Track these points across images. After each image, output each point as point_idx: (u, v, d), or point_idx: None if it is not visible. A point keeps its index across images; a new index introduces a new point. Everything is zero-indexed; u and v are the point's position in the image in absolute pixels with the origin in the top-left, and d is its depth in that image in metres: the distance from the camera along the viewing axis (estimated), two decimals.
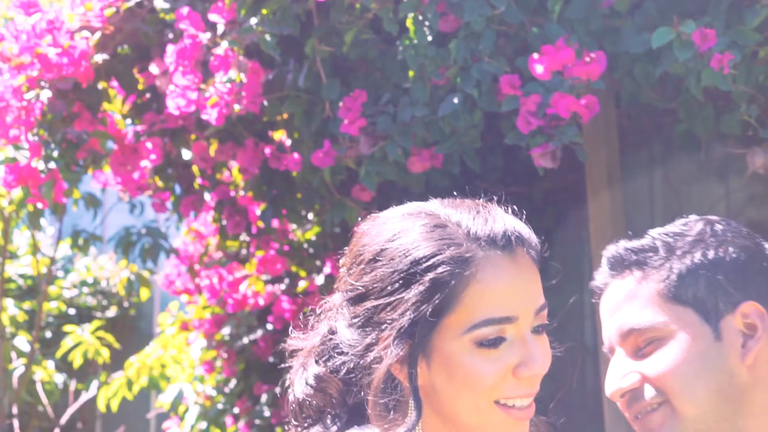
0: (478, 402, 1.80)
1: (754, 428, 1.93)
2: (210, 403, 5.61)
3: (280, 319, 5.19)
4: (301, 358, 1.92)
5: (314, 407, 1.89)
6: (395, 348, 1.78)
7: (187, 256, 5.50)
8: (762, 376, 1.94)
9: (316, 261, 5.19)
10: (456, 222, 1.82)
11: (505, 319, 1.79)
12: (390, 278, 1.80)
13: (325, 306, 1.93)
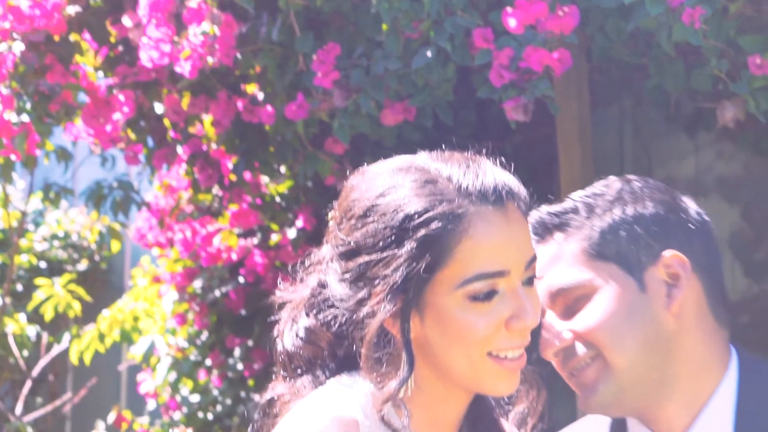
0: (471, 355, 1.83)
1: (683, 374, 1.98)
2: (182, 355, 5.63)
3: (253, 272, 5.22)
4: (290, 310, 1.94)
5: (304, 358, 1.91)
6: (388, 303, 1.80)
7: (158, 209, 5.51)
8: (687, 323, 1.98)
9: (289, 214, 5.21)
10: (447, 177, 1.83)
11: (498, 273, 1.81)
12: (382, 234, 1.81)
13: (313, 258, 1.94)
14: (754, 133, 4.67)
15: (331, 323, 1.88)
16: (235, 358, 5.34)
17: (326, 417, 1.82)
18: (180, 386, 5.61)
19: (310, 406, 1.86)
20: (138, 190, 5.35)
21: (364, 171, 1.91)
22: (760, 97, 3.26)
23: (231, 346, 5.39)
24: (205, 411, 5.48)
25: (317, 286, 1.91)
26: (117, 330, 5.68)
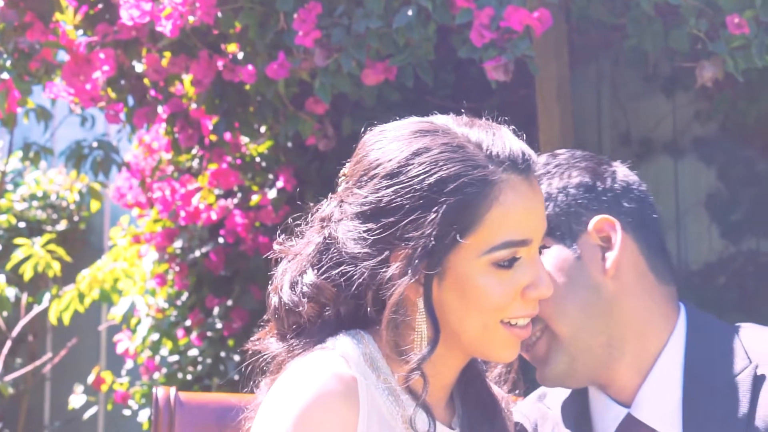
0: (487, 321, 1.86)
1: (629, 335, 2.01)
2: (162, 315, 5.64)
3: (233, 233, 5.22)
4: (290, 265, 1.94)
5: (303, 316, 1.92)
6: (413, 267, 1.81)
7: (138, 169, 5.51)
8: (626, 284, 2.02)
9: (269, 175, 5.22)
10: (476, 142, 1.85)
11: (522, 242, 1.85)
12: (412, 196, 1.82)
13: (316, 214, 1.95)
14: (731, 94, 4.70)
15: (340, 282, 1.88)
16: (213, 317, 5.36)
17: (326, 374, 1.84)
18: (160, 347, 5.62)
19: (310, 363, 1.87)
20: (118, 151, 5.35)
21: (383, 130, 1.91)
22: (738, 56, 3.29)
23: (210, 307, 5.41)
24: (185, 371, 5.50)
25: (323, 242, 1.90)
26: (96, 290, 5.68)
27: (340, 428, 1.81)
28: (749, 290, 4.91)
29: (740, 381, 1.94)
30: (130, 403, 5.79)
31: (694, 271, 5.15)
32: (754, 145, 5.00)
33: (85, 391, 6.32)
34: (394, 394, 1.89)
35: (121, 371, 6.13)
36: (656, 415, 1.99)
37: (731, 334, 2.02)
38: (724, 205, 5.09)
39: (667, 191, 5.31)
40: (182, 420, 2.26)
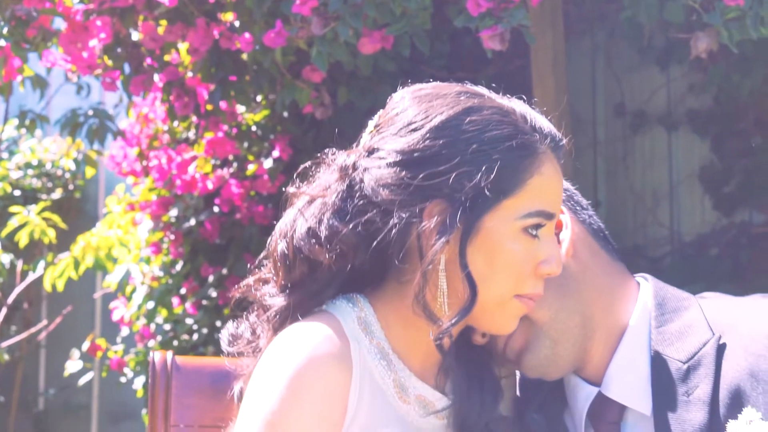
0: (504, 292, 1.88)
1: (597, 310, 2.04)
2: (157, 284, 5.66)
3: (228, 202, 5.24)
4: (304, 212, 1.92)
5: (312, 264, 1.91)
6: (453, 220, 1.82)
7: (134, 137, 5.52)
8: (584, 262, 2.05)
9: (265, 144, 5.23)
10: (521, 113, 1.90)
11: (551, 215, 1.89)
12: (464, 149, 1.83)
13: (336, 162, 1.94)
14: (725, 66, 4.72)
15: (362, 232, 1.88)
16: (208, 286, 5.38)
17: (319, 337, 1.86)
18: (155, 315, 5.64)
19: (303, 327, 1.89)
20: (113, 119, 5.36)
21: (421, 88, 1.93)
22: (732, 27, 3.30)
23: (205, 275, 5.42)
24: (180, 339, 5.52)
25: (347, 190, 1.90)
26: (91, 257, 5.69)
27: (332, 390, 1.84)
28: (742, 261, 4.94)
29: (705, 353, 1.97)
30: (125, 370, 5.81)
31: (687, 243, 5.17)
32: (748, 117, 5.02)
33: (81, 358, 6.35)
34: (387, 358, 1.91)
35: (116, 339, 6.15)
36: (625, 392, 2.01)
37: (694, 306, 2.05)
38: (717, 177, 5.11)
39: (661, 163, 5.33)
40: (179, 384, 2.27)
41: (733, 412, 1.89)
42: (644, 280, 2.12)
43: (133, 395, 6.01)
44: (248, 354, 1.98)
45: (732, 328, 1.98)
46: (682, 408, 1.95)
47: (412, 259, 1.87)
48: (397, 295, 1.93)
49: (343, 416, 1.85)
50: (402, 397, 1.91)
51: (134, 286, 5.76)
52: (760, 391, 1.91)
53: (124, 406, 7.14)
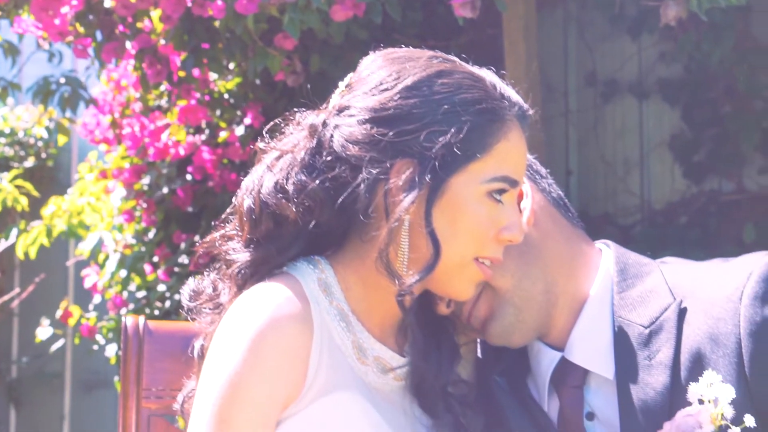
0: (465, 253, 1.90)
1: (559, 276, 2.08)
2: (129, 251, 5.66)
3: (200, 169, 5.24)
4: (272, 167, 1.94)
5: (274, 219, 1.93)
6: (421, 178, 1.85)
7: (106, 105, 5.51)
8: (545, 230, 2.09)
9: (237, 111, 5.23)
10: (491, 81, 1.93)
11: (515, 182, 1.93)
12: (436, 109, 1.87)
13: (306, 120, 1.97)
14: (695, 35, 4.74)
15: (330, 188, 1.90)
16: (180, 253, 5.38)
17: (280, 298, 1.88)
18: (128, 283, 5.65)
19: (264, 288, 1.91)
20: (86, 87, 5.34)
21: (393, 51, 1.96)
22: None
23: (178, 243, 5.43)
24: (153, 307, 5.53)
25: (316, 147, 1.92)
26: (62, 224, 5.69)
27: (293, 351, 1.86)
28: (711, 229, 4.98)
29: (666, 318, 2.00)
30: (97, 337, 5.82)
31: (657, 211, 5.21)
32: (718, 86, 5.04)
33: (52, 325, 6.35)
34: (346, 319, 1.94)
35: (88, 306, 6.15)
36: (588, 357, 2.05)
37: (655, 271, 2.08)
38: (687, 145, 5.14)
39: (632, 132, 5.35)
40: (151, 348, 2.29)
41: (694, 375, 1.92)
42: (606, 246, 2.15)
43: (106, 363, 6.02)
44: (209, 310, 1.99)
45: (693, 292, 2.01)
46: (644, 372, 1.98)
47: (378, 217, 1.90)
48: (358, 256, 1.95)
49: (303, 377, 1.87)
50: (360, 358, 1.94)
51: (107, 253, 5.76)
52: (721, 354, 1.94)
53: (97, 374, 7.15)
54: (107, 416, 7.06)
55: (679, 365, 1.96)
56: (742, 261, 2.03)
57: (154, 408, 2.29)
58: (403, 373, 1.99)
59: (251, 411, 1.83)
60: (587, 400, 2.05)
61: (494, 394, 2.10)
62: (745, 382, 1.92)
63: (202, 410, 1.86)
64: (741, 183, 5.01)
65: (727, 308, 1.96)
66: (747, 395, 1.91)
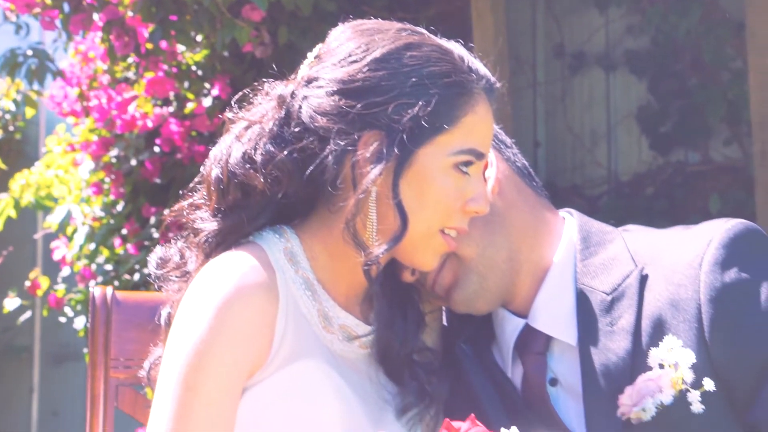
0: (431, 224, 1.92)
1: (523, 244, 2.10)
2: (98, 224, 5.65)
3: (168, 141, 5.24)
4: (241, 137, 1.95)
5: (242, 188, 1.94)
6: (389, 150, 1.86)
7: (74, 77, 5.49)
8: (509, 199, 2.10)
9: (205, 83, 5.23)
10: (458, 54, 1.94)
11: (481, 155, 1.94)
12: (404, 82, 1.88)
13: (274, 91, 1.98)
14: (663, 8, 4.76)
15: (298, 159, 1.91)
16: (149, 226, 5.38)
17: (246, 267, 1.90)
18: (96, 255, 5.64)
19: (230, 257, 1.92)
20: (53, 59, 5.32)
21: (362, 23, 1.97)
22: None
23: (147, 215, 5.43)
24: (121, 279, 5.53)
25: (285, 118, 1.93)
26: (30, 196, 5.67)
27: (259, 319, 1.88)
28: (677, 200, 5.01)
29: (628, 285, 2.03)
30: (65, 310, 5.82)
31: (624, 182, 5.24)
32: (684, 58, 5.07)
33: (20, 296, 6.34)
34: (312, 288, 1.96)
35: (57, 279, 6.14)
36: (552, 323, 2.07)
37: (618, 239, 2.10)
38: (654, 117, 5.17)
39: (599, 104, 5.38)
40: (119, 318, 2.30)
41: (655, 341, 1.95)
42: (569, 215, 2.17)
43: (74, 336, 6.02)
44: (176, 278, 2.00)
45: (654, 259, 2.04)
46: (606, 338, 2.00)
47: (345, 188, 1.91)
48: (325, 226, 1.96)
49: (269, 344, 1.89)
50: (326, 326, 1.96)
51: (75, 226, 5.76)
52: (681, 319, 1.97)
53: (66, 347, 7.15)
54: (76, 389, 7.06)
55: (640, 331, 1.99)
56: (702, 228, 2.06)
57: (122, 378, 2.30)
58: (368, 341, 2.01)
59: (217, 378, 1.85)
60: (550, 366, 2.07)
61: (459, 361, 2.12)
62: (705, 347, 1.95)
63: (169, 377, 1.87)
64: (707, 154, 5.05)
65: (688, 275, 1.98)
66: (707, 360, 1.94)
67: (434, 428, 2.01)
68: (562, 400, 2.05)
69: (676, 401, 1.92)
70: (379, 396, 1.99)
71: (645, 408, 1.93)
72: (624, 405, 1.95)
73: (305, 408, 1.89)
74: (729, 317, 1.95)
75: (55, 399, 7.34)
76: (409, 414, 2.00)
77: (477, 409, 1.81)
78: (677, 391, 1.92)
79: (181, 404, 1.85)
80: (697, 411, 1.90)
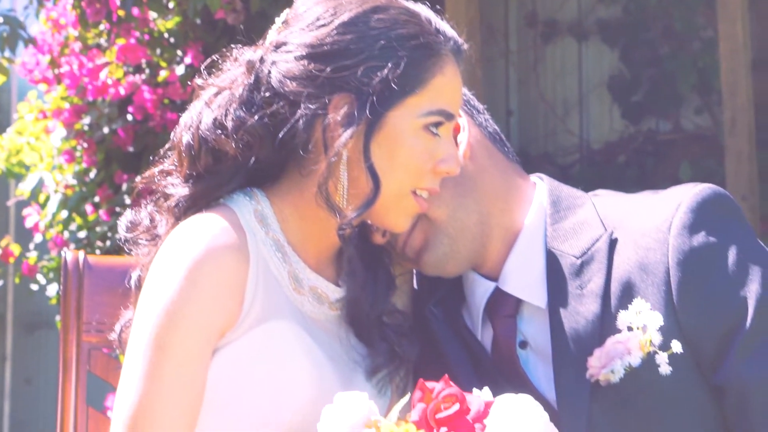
0: (402, 186, 1.94)
1: (494, 208, 2.11)
2: (71, 192, 5.64)
3: (141, 109, 5.22)
4: (210, 103, 1.96)
5: (213, 154, 1.95)
6: (359, 113, 1.88)
7: (45, 44, 5.46)
8: (480, 163, 2.12)
9: (177, 51, 5.21)
10: (426, 17, 1.95)
11: (451, 116, 1.95)
12: (372, 45, 1.89)
13: (243, 56, 1.98)
14: None
15: (268, 124, 1.92)
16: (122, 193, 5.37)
17: (216, 228, 1.91)
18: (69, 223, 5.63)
19: (201, 219, 1.93)
20: (24, 26, 5.29)
21: None
22: None
23: (119, 183, 5.42)
24: (94, 247, 5.52)
25: (255, 83, 1.94)
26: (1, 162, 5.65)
27: (229, 280, 1.89)
28: (648, 168, 5.04)
29: (597, 249, 2.05)
30: (38, 277, 5.81)
31: (595, 150, 5.27)
32: (656, 27, 5.09)
33: None
34: (282, 250, 1.97)
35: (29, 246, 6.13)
36: (522, 287, 2.08)
37: (587, 203, 2.12)
38: (625, 86, 5.19)
39: (571, 72, 5.39)
40: (91, 282, 2.30)
41: (624, 304, 1.98)
42: (540, 179, 2.18)
43: (47, 304, 6.01)
44: (146, 242, 2.01)
45: (623, 223, 2.06)
46: (575, 301, 2.02)
47: (317, 152, 1.92)
48: (296, 188, 1.98)
49: (239, 305, 1.90)
50: (296, 288, 1.97)
51: (48, 194, 5.74)
52: (649, 282, 1.99)
53: (39, 315, 7.14)
54: (49, 357, 7.05)
55: (609, 294, 2.01)
56: (671, 193, 2.08)
57: (95, 341, 2.31)
58: (338, 303, 2.03)
59: (187, 338, 1.86)
60: (520, 328, 2.09)
61: (430, 323, 2.14)
62: (673, 310, 1.97)
63: (139, 338, 1.88)
64: (678, 123, 5.08)
65: (657, 238, 2.00)
66: (675, 322, 1.96)
67: (404, 389, 2.03)
68: (532, 362, 2.08)
69: (644, 363, 1.94)
70: (350, 357, 2.01)
71: (614, 370, 1.95)
72: (593, 367, 1.98)
73: (276, 368, 1.90)
74: (697, 280, 1.98)
75: (28, 367, 7.34)
76: (379, 375, 2.01)
77: (447, 371, 1.82)
78: (645, 353, 1.94)
79: (152, 364, 1.86)
80: (665, 373, 1.93)
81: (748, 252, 2.00)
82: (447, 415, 1.67)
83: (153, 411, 1.85)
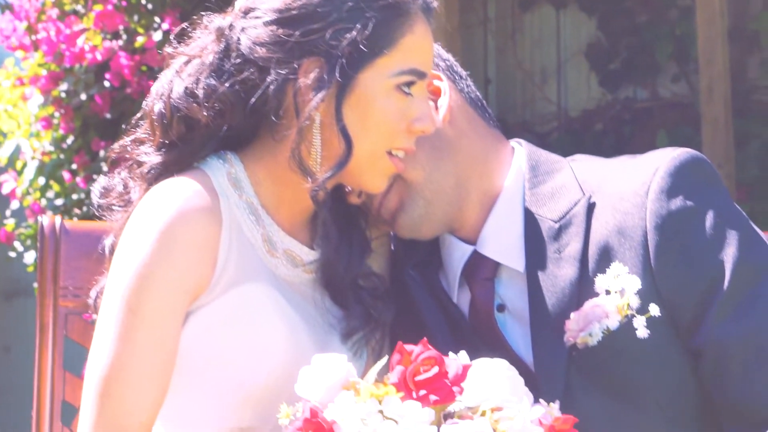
0: (376, 147, 1.94)
1: (473, 172, 2.12)
2: (48, 158, 5.62)
3: (118, 75, 5.20)
4: (180, 69, 1.95)
5: (185, 122, 1.94)
6: (329, 76, 1.87)
7: (22, 11, 5.43)
8: (460, 128, 2.12)
9: (155, 17, 5.19)
10: None
11: (423, 75, 1.95)
12: (339, 7, 1.89)
13: (213, 24, 1.97)
14: None
15: (239, 91, 1.92)
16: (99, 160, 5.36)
17: (188, 191, 1.91)
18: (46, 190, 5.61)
19: (173, 182, 1.93)
20: None
21: None
22: None
23: (97, 150, 5.40)
24: (71, 214, 5.51)
25: (225, 50, 1.94)
26: None
27: (202, 243, 1.90)
28: (625, 136, 5.06)
29: (575, 213, 2.06)
30: (15, 245, 5.79)
31: (573, 118, 5.28)
32: None
33: None
34: (256, 213, 1.97)
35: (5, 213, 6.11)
36: (500, 250, 2.09)
37: (566, 168, 2.13)
38: (603, 54, 5.20)
39: (549, 41, 5.40)
40: (67, 247, 2.31)
41: (602, 267, 1.98)
42: (518, 145, 2.19)
43: (25, 271, 6.00)
44: (119, 207, 2.01)
45: (601, 187, 2.06)
46: (553, 264, 2.03)
47: (289, 117, 1.92)
48: (269, 152, 1.98)
49: (212, 268, 1.90)
50: (270, 251, 1.98)
51: (25, 161, 5.72)
52: (627, 246, 2.00)
53: (17, 283, 7.13)
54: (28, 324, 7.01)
55: (587, 258, 2.02)
56: (649, 157, 2.08)
57: (72, 306, 2.31)
58: (312, 266, 2.03)
59: (159, 300, 1.87)
60: (498, 292, 2.10)
61: (408, 287, 2.14)
62: (651, 274, 1.98)
63: (112, 300, 1.89)
64: (655, 91, 5.09)
65: (635, 202, 2.01)
66: (652, 286, 1.97)
67: (380, 352, 2.04)
68: (510, 325, 2.08)
69: (621, 326, 1.95)
70: (325, 320, 2.01)
71: (591, 333, 1.96)
72: (570, 330, 1.99)
73: (250, 331, 1.91)
74: (674, 244, 1.98)
75: (7, 334, 7.33)
76: (355, 338, 2.02)
77: (425, 334, 1.82)
78: (623, 316, 1.95)
79: (124, 326, 1.86)
80: (643, 336, 1.94)
81: (726, 216, 2.01)
82: (426, 377, 1.68)
83: (125, 373, 1.85)
